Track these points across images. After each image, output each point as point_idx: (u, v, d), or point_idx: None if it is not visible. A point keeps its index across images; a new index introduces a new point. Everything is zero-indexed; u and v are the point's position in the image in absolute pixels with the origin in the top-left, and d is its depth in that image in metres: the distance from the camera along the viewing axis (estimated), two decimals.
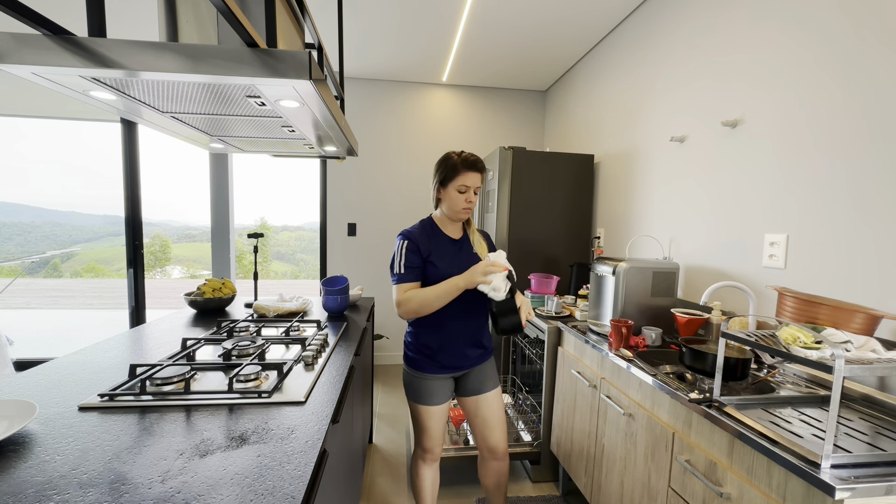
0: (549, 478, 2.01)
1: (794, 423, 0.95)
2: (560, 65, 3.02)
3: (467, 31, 2.53)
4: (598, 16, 2.31)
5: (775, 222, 1.40)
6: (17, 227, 21.37)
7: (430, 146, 3.53)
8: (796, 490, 0.79)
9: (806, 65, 1.30)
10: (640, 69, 2.19)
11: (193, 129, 1.34)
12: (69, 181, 33.39)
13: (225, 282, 1.95)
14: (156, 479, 0.66)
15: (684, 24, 1.86)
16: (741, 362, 1.16)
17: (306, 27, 1.47)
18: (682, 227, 1.86)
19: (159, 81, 0.88)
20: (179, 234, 25.43)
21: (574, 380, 1.73)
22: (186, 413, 0.89)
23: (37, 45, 0.78)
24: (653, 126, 2.08)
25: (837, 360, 0.76)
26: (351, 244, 3.50)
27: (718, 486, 0.97)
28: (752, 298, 1.39)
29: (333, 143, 1.60)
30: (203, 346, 1.33)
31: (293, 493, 0.64)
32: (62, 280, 12.90)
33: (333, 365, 1.23)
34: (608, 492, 1.46)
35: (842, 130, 1.19)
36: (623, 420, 1.38)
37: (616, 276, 1.61)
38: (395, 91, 3.46)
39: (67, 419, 0.85)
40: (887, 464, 0.77)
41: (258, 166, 58.22)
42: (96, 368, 1.13)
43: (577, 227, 2.63)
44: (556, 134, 3.36)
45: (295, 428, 0.84)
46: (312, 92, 0.94)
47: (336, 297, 1.79)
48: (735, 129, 1.57)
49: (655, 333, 1.53)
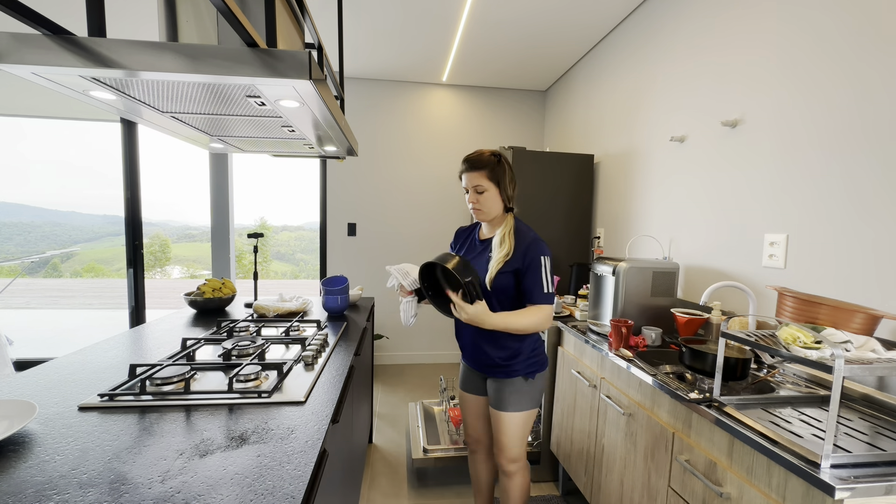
0: (548, 478, 2.01)
1: (793, 423, 0.95)
2: (560, 65, 3.02)
3: (467, 31, 2.53)
4: (598, 16, 2.31)
5: (775, 222, 1.40)
6: (17, 227, 21.36)
7: (431, 146, 3.53)
8: (796, 490, 0.79)
9: (805, 64, 1.30)
10: (640, 69, 2.19)
11: (193, 129, 1.34)
12: (69, 181, 33.37)
13: (225, 282, 1.95)
14: (156, 479, 0.66)
15: (684, 23, 1.86)
16: (741, 362, 1.16)
17: (306, 27, 1.47)
18: (681, 227, 1.86)
19: (159, 81, 0.88)
20: (179, 234, 25.42)
21: (574, 380, 1.73)
22: (186, 413, 0.89)
23: (37, 45, 0.78)
24: (653, 126, 2.08)
25: (837, 360, 0.76)
26: (351, 244, 3.50)
27: (718, 485, 0.97)
28: (751, 298, 1.39)
29: (333, 143, 1.60)
30: (203, 346, 1.33)
31: (293, 493, 0.64)
32: (62, 280, 12.89)
33: (333, 365, 1.23)
34: (608, 492, 1.46)
35: (842, 130, 1.19)
36: (623, 420, 1.38)
37: (616, 275, 1.61)
38: (395, 91, 3.46)
39: (67, 419, 0.85)
40: (887, 464, 0.77)
41: (258, 166, 58.22)
42: (96, 368, 1.13)
43: (577, 227, 2.63)
44: (556, 134, 3.36)
45: (295, 428, 0.84)
46: (312, 92, 0.94)
47: (336, 297, 1.79)
48: (735, 129, 1.57)
49: (655, 333, 1.53)
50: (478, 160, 1.27)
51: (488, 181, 1.26)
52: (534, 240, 1.26)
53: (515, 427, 1.34)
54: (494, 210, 1.29)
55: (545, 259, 1.24)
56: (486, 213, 1.30)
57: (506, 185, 1.28)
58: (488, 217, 1.31)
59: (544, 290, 1.23)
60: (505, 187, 1.28)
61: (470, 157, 1.29)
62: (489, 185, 1.27)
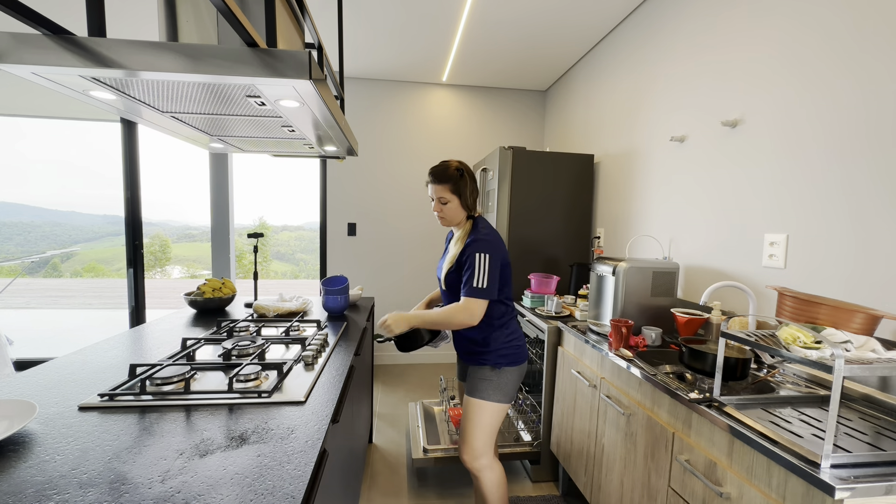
0: (548, 478, 2.01)
1: (793, 423, 0.95)
2: (560, 65, 3.02)
3: (467, 31, 2.53)
4: (598, 16, 2.31)
5: (775, 222, 1.40)
6: (17, 227, 21.37)
7: (430, 146, 3.53)
8: (796, 490, 0.79)
9: (807, 62, 1.30)
10: (640, 69, 2.19)
11: (193, 129, 1.34)
12: (69, 181, 33.40)
13: (225, 282, 1.96)
14: (156, 479, 0.66)
15: (684, 23, 1.86)
16: (741, 362, 1.16)
17: (306, 27, 1.47)
18: (682, 227, 1.86)
19: (159, 81, 0.88)
20: (179, 233, 25.44)
21: (574, 379, 1.73)
22: (186, 413, 0.89)
23: (37, 45, 0.78)
24: (653, 126, 2.08)
25: (837, 360, 0.76)
26: (351, 244, 3.50)
27: (718, 485, 0.97)
28: (751, 298, 1.39)
29: (333, 143, 1.60)
30: (203, 345, 1.33)
31: (293, 493, 0.64)
32: (62, 280, 12.90)
33: (333, 365, 1.23)
34: (608, 491, 1.46)
35: (842, 130, 1.19)
36: (623, 420, 1.38)
37: (616, 275, 1.61)
38: (395, 91, 3.46)
39: (67, 419, 0.85)
40: (887, 464, 0.77)
41: (258, 166, 58.24)
42: (96, 368, 1.13)
43: (577, 226, 2.63)
44: (556, 134, 3.36)
45: (295, 428, 0.84)
46: (312, 92, 0.94)
47: (336, 296, 1.79)
48: (735, 129, 1.57)
49: (655, 333, 1.53)
50: (442, 174, 1.37)
51: (451, 194, 1.37)
52: (475, 240, 1.35)
53: (478, 416, 1.39)
54: (456, 218, 1.42)
55: (482, 255, 1.31)
56: (449, 220, 1.43)
57: (466, 197, 1.39)
58: (451, 224, 1.45)
59: (474, 283, 1.30)
60: (466, 198, 1.39)
61: (435, 169, 1.39)
62: (451, 197, 1.37)
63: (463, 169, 1.38)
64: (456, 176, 1.37)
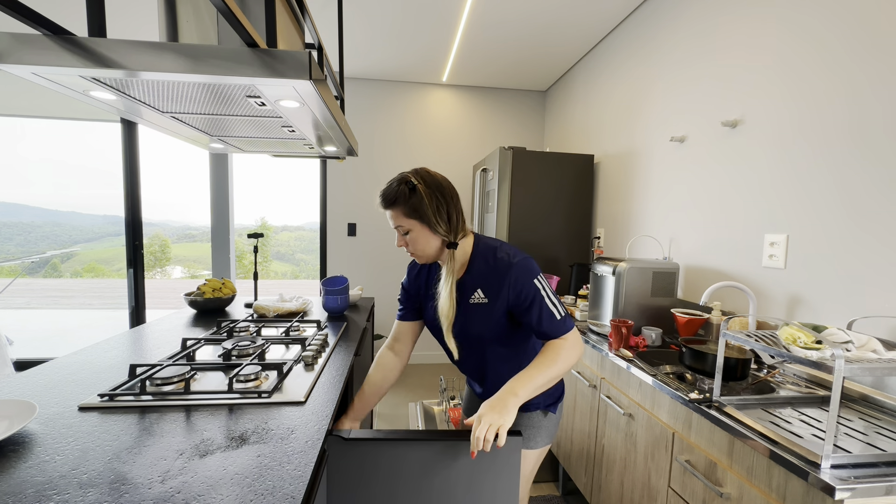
0: (548, 478, 2.01)
1: (793, 423, 0.95)
2: (560, 65, 3.02)
3: (467, 32, 2.54)
4: (597, 16, 2.31)
5: (775, 222, 1.40)
6: (17, 227, 21.38)
7: (430, 146, 3.53)
8: (796, 490, 0.79)
9: (806, 63, 1.30)
10: (640, 69, 2.19)
11: (193, 129, 1.34)
12: (70, 181, 33.46)
13: (225, 282, 1.95)
14: (156, 479, 0.66)
15: (684, 24, 1.86)
16: (741, 362, 1.16)
17: (306, 27, 1.47)
18: (682, 227, 1.86)
19: (159, 81, 0.88)
20: (179, 234, 25.44)
21: (574, 380, 1.73)
22: (186, 413, 0.89)
23: (37, 45, 0.78)
24: (653, 126, 2.08)
25: (837, 360, 0.76)
26: (351, 244, 3.50)
27: (718, 486, 0.97)
28: (752, 298, 1.39)
29: (333, 143, 1.60)
30: (203, 346, 1.33)
31: (293, 493, 0.64)
32: (62, 280, 12.90)
33: (333, 365, 1.23)
34: (608, 492, 1.46)
35: (842, 130, 1.19)
36: (623, 420, 1.38)
37: (616, 276, 1.61)
38: (395, 91, 3.46)
39: (67, 419, 0.85)
40: (887, 464, 0.77)
41: (258, 166, 58.27)
42: (96, 368, 1.13)
43: (577, 227, 2.63)
44: (556, 134, 3.36)
45: (295, 428, 0.84)
46: (312, 92, 0.93)
47: (336, 297, 1.78)
48: (735, 129, 1.57)
49: (655, 333, 1.53)
50: (387, 194, 0.95)
51: (407, 219, 0.95)
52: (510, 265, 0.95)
53: (525, 467, 1.10)
54: (430, 249, 0.99)
55: (537, 282, 0.95)
56: (422, 255, 1.01)
57: (431, 219, 0.94)
58: (429, 259, 1.03)
59: (556, 317, 0.95)
60: (432, 222, 0.94)
61: (384, 189, 0.97)
62: (411, 224, 0.95)
63: (416, 183, 0.93)
64: (405, 193, 0.93)
